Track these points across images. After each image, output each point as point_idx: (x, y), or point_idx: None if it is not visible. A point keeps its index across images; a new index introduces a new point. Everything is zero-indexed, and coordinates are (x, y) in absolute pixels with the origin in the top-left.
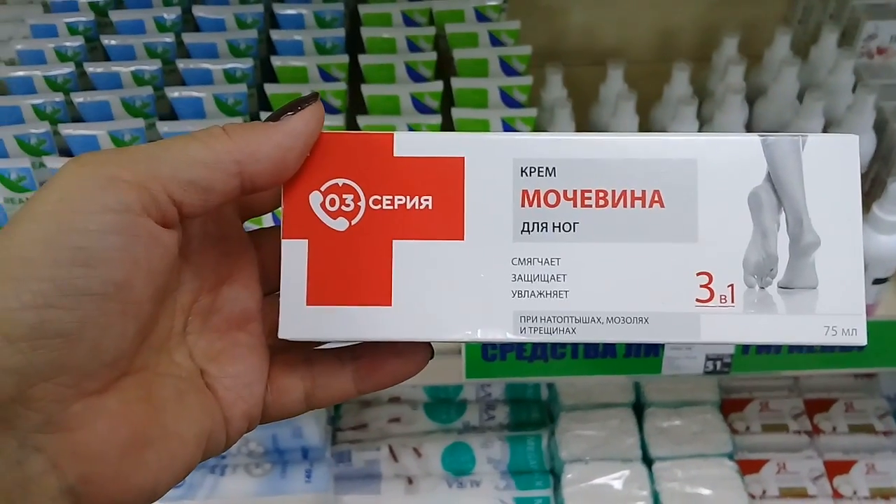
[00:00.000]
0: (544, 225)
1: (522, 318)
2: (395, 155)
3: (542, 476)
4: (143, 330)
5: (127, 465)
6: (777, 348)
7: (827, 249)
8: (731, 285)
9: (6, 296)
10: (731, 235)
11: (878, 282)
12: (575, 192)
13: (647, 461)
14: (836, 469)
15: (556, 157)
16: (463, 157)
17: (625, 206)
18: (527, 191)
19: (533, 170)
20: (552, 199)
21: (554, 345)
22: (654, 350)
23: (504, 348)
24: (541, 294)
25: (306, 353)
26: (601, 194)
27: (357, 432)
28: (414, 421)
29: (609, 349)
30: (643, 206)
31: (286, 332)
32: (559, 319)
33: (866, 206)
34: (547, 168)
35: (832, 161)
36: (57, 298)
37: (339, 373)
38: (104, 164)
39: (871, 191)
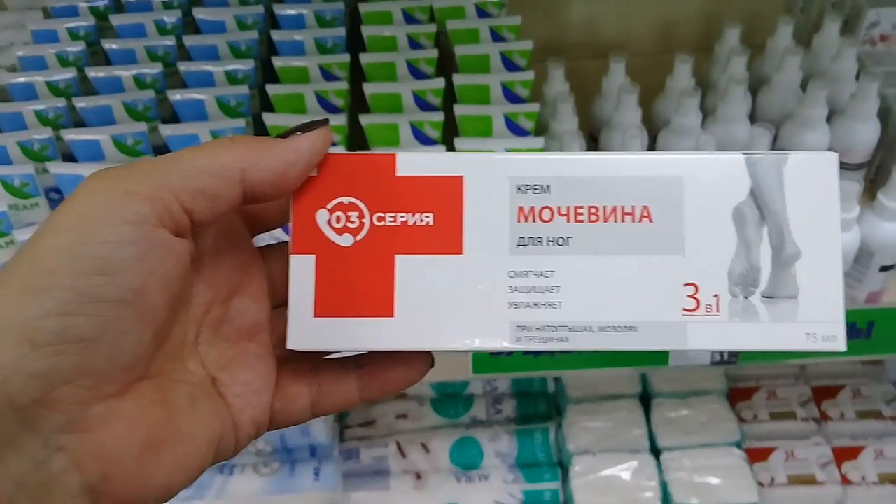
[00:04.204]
0: (539, 239)
1: (518, 328)
2: (397, 174)
3: (550, 469)
4: (158, 336)
5: (144, 465)
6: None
7: (807, 261)
8: (717, 295)
9: (31, 305)
10: (717, 248)
11: (884, 269)
12: (568, 207)
13: (655, 452)
14: (844, 455)
15: (551, 175)
16: (462, 176)
17: (615, 220)
18: (522, 207)
19: (528, 187)
20: (546, 214)
21: None
22: None
23: None
24: (536, 305)
25: (313, 362)
26: (593, 210)
27: (365, 429)
28: (421, 417)
29: None
30: (633, 220)
31: (294, 342)
32: (553, 329)
33: (871, 193)
34: (542, 185)
35: (812, 177)
36: (78, 306)
37: (344, 381)
38: (119, 179)
39: (877, 178)
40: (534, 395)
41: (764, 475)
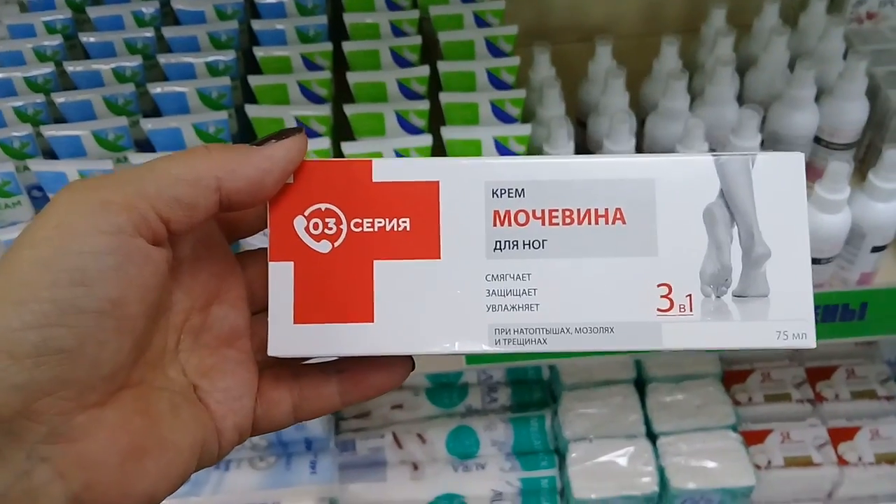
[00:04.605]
0: (515, 243)
1: (497, 331)
2: (373, 180)
3: (546, 456)
4: (138, 345)
5: (127, 473)
6: None
7: (777, 260)
8: (690, 295)
9: (9, 317)
10: (689, 249)
11: (876, 250)
12: (543, 211)
13: (652, 437)
14: (840, 436)
15: (525, 179)
16: (438, 181)
17: (589, 223)
18: (498, 211)
19: (503, 191)
20: (522, 218)
21: None
22: None
23: None
24: (513, 308)
25: (293, 368)
26: (567, 213)
27: (360, 420)
28: (417, 407)
29: None
30: (607, 223)
31: (275, 349)
32: (531, 331)
33: (862, 174)
34: (516, 189)
35: (780, 177)
36: (57, 317)
37: (325, 386)
38: (95, 189)
39: (866, 158)
40: (529, 383)
41: (760, 458)
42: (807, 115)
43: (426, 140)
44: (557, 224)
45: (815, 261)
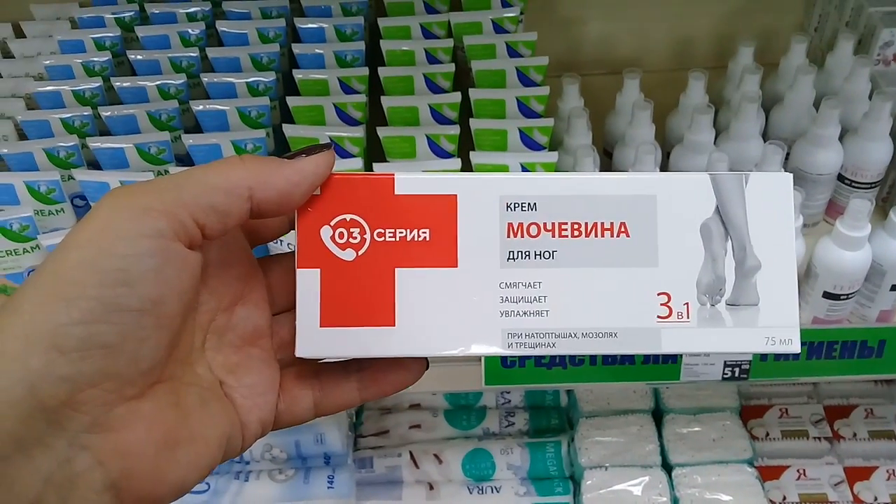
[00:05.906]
0: (527, 253)
1: (509, 335)
2: (395, 193)
3: (561, 482)
4: (172, 342)
5: (161, 463)
6: (796, 355)
7: (767, 272)
8: (687, 303)
9: (59, 313)
10: (687, 260)
11: (895, 288)
12: (554, 224)
13: (667, 467)
14: (856, 475)
15: (537, 193)
16: (456, 195)
17: (596, 236)
18: (512, 223)
19: (517, 205)
20: (534, 230)
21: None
22: (672, 357)
23: None
24: (525, 313)
25: (315, 365)
26: (576, 226)
27: (378, 438)
28: (435, 427)
29: (627, 356)
30: (612, 235)
31: (302, 350)
32: (541, 335)
33: (884, 212)
34: (529, 203)
35: (770, 196)
36: (103, 314)
37: (345, 383)
38: (137, 195)
39: (889, 197)
40: (546, 409)
41: (776, 493)
42: (830, 154)
43: (455, 164)
44: (567, 236)
45: (834, 297)
